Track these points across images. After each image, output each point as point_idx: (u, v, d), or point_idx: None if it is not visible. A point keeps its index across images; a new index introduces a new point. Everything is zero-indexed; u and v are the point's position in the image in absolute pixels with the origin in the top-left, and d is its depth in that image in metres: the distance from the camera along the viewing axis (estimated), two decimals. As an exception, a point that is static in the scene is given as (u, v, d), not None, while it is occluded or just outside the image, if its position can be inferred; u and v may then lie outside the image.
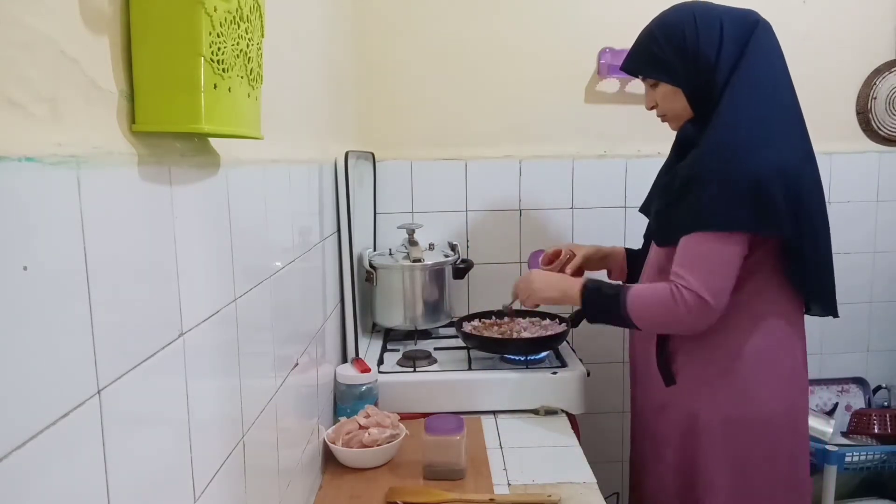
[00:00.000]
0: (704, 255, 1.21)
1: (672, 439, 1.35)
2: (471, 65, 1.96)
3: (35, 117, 0.42)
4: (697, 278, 1.19)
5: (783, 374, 1.29)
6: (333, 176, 1.43)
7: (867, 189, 2.11)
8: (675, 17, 1.29)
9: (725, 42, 1.24)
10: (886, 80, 2.06)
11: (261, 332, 0.87)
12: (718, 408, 1.28)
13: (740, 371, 1.27)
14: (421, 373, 1.54)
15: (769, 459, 1.29)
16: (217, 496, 0.69)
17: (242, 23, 0.61)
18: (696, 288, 1.19)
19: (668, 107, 1.34)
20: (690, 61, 1.26)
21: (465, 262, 1.85)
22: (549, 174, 2.01)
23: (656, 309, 1.25)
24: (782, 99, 1.27)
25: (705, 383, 1.29)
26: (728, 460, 1.29)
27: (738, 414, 1.27)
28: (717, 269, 1.20)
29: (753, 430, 1.27)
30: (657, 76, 1.32)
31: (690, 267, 1.21)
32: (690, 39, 1.26)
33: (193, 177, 0.65)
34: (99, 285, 0.47)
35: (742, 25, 1.26)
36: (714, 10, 1.28)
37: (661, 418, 1.37)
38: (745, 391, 1.27)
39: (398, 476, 1.23)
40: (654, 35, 1.31)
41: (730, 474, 1.29)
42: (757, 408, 1.27)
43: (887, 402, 2.16)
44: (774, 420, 1.28)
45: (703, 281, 1.19)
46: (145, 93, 0.53)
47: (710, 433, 1.29)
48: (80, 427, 0.44)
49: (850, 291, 2.13)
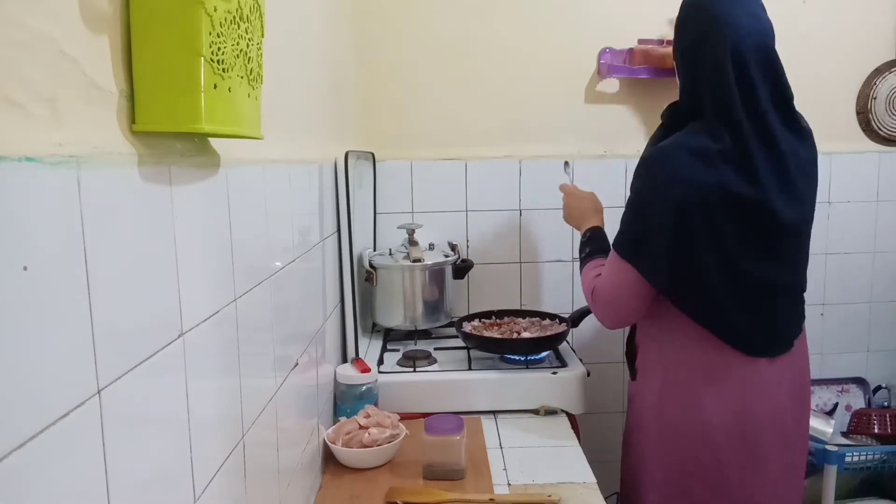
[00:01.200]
0: (615, 267, 1.28)
1: (631, 432, 1.42)
2: (471, 65, 1.96)
3: (35, 117, 0.42)
4: (605, 286, 1.30)
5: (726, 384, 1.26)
6: (333, 176, 1.43)
7: (867, 189, 2.10)
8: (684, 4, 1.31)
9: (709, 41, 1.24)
10: (886, 80, 2.06)
11: (261, 332, 0.87)
12: (661, 409, 1.31)
13: (677, 377, 1.30)
14: (421, 373, 1.54)
15: (702, 469, 1.27)
16: (217, 496, 0.69)
17: (242, 23, 0.61)
18: (604, 290, 1.30)
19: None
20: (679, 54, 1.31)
21: (465, 262, 1.85)
22: (549, 174, 2.00)
23: (585, 293, 1.38)
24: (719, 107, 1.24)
25: (652, 383, 1.34)
26: (666, 462, 1.31)
27: (680, 418, 1.29)
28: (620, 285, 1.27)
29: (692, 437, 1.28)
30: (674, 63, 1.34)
31: (607, 268, 1.31)
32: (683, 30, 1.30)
33: (193, 177, 0.65)
34: (99, 285, 0.46)
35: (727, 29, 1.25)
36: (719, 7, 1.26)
37: (629, 410, 1.45)
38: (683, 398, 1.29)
39: (398, 476, 1.23)
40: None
41: (666, 476, 1.32)
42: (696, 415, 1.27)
43: (887, 402, 2.16)
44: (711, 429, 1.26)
45: (609, 288, 1.29)
46: (145, 93, 0.53)
47: (655, 431, 1.33)
48: (80, 427, 0.44)
49: (850, 291, 2.13)
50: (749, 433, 1.26)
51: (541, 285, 2.02)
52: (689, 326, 1.25)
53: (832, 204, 2.09)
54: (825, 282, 2.11)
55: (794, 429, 1.31)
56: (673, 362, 1.30)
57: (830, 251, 2.11)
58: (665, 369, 1.31)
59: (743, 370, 1.25)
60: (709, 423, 1.26)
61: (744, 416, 1.25)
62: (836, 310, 2.14)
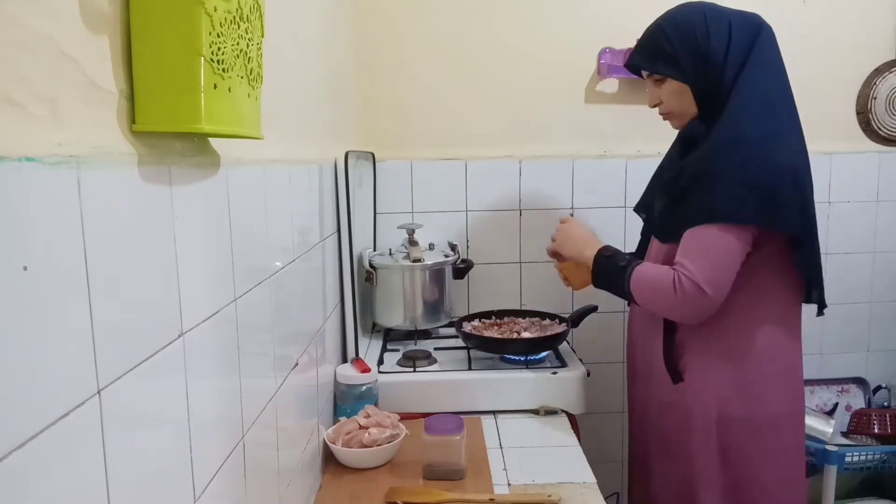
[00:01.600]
0: (709, 248, 1.22)
1: (680, 436, 1.35)
2: (471, 65, 1.96)
3: (35, 117, 0.42)
4: (700, 269, 1.20)
5: (787, 375, 1.31)
6: (333, 176, 1.43)
7: (867, 189, 2.10)
8: (685, 16, 1.30)
9: (733, 43, 1.26)
10: (886, 80, 2.06)
11: (261, 332, 0.87)
12: (725, 406, 1.29)
13: (747, 371, 1.28)
14: (421, 373, 1.54)
15: (771, 460, 1.29)
16: (217, 496, 0.69)
17: (242, 23, 0.61)
18: (697, 279, 1.20)
19: (673, 104, 1.34)
20: (701, 60, 1.27)
21: (465, 262, 1.85)
22: (549, 174, 2.01)
23: (656, 292, 1.26)
24: (787, 99, 1.29)
25: (713, 381, 1.30)
26: (730, 458, 1.30)
27: (745, 413, 1.28)
28: (720, 262, 1.21)
29: (759, 430, 1.29)
30: (667, 72, 1.31)
31: (693, 257, 1.22)
32: (701, 38, 1.27)
33: (193, 177, 0.65)
34: (99, 286, 0.46)
35: (749, 28, 1.28)
36: (723, 11, 1.30)
37: (668, 416, 1.37)
38: (752, 391, 1.29)
39: (398, 476, 1.23)
40: (664, 32, 1.31)
41: (730, 472, 1.30)
42: (763, 408, 1.29)
43: (887, 402, 2.16)
44: (779, 421, 1.30)
45: (705, 272, 1.20)
46: (145, 93, 0.53)
47: (717, 430, 1.30)
48: (80, 427, 0.44)
49: (850, 291, 2.13)
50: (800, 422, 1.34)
51: (541, 285, 2.02)
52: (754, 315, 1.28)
53: (832, 204, 2.09)
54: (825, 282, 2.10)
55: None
56: (740, 355, 1.29)
57: (830, 251, 2.10)
58: (729, 364, 1.29)
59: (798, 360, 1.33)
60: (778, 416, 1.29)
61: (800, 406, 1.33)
62: (836, 310, 2.12)
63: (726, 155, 1.22)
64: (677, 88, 1.32)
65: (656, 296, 1.27)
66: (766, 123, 1.24)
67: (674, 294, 1.22)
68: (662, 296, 1.25)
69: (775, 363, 1.30)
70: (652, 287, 1.27)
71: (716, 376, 1.30)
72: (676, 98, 1.33)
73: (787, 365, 1.31)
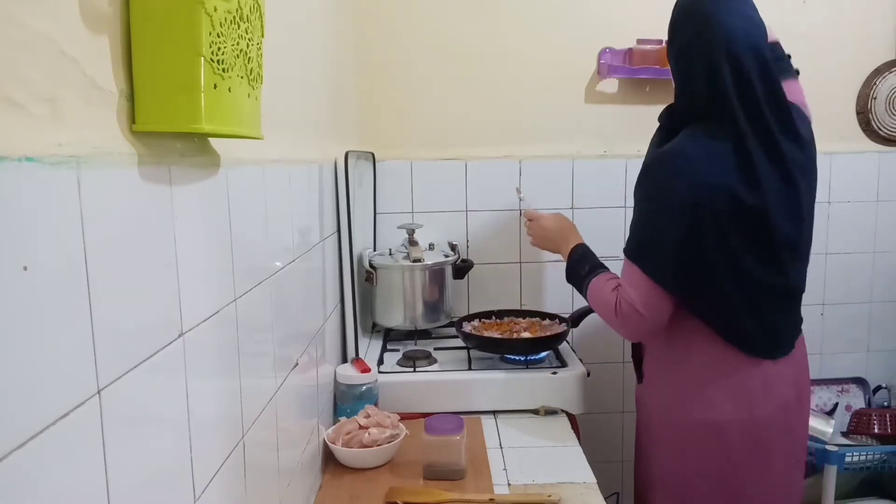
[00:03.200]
0: (638, 275, 1.24)
1: (641, 434, 1.42)
2: (471, 65, 1.96)
3: (35, 117, 0.42)
4: (635, 293, 1.24)
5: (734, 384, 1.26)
6: (333, 176, 1.43)
7: (867, 189, 2.10)
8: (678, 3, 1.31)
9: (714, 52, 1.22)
10: (886, 80, 2.06)
11: (261, 332, 0.87)
12: (673, 409, 1.32)
13: (690, 378, 1.30)
14: (421, 373, 1.54)
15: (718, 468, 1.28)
16: (217, 496, 0.69)
17: (242, 23, 0.61)
18: (633, 301, 1.24)
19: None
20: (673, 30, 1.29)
21: (465, 262, 1.85)
22: (549, 174, 2.01)
23: (603, 311, 1.33)
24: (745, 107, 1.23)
25: (660, 385, 1.35)
26: (675, 461, 1.32)
27: (689, 417, 1.29)
28: (649, 287, 1.23)
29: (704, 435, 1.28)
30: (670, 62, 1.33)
31: (629, 281, 1.26)
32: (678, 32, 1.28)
33: (193, 177, 0.65)
34: (99, 285, 0.46)
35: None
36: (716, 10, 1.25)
37: (640, 406, 1.44)
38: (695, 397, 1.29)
39: (398, 476, 1.23)
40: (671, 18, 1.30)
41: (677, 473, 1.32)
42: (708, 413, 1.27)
43: (887, 402, 2.16)
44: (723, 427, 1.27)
45: (638, 295, 1.24)
46: (145, 93, 0.53)
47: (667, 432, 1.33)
48: (80, 427, 0.44)
49: (850, 291, 2.13)
50: (757, 433, 1.27)
51: (541, 285, 2.02)
52: (696, 326, 1.26)
53: (832, 204, 2.09)
54: (825, 282, 2.11)
55: (797, 428, 1.33)
56: (680, 362, 1.30)
57: (830, 251, 2.11)
58: (672, 370, 1.32)
59: (749, 371, 1.26)
60: (718, 423, 1.27)
61: (752, 416, 1.26)
62: (836, 310, 2.14)
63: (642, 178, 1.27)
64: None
65: (603, 313, 1.33)
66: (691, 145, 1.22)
67: (615, 316, 1.28)
68: (607, 314, 1.31)
69: (717, 372, 1.27)
70: (599, 305, 1.34)
71: (663, 380, 1.34)
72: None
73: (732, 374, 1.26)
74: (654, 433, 1.37)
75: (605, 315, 1.32)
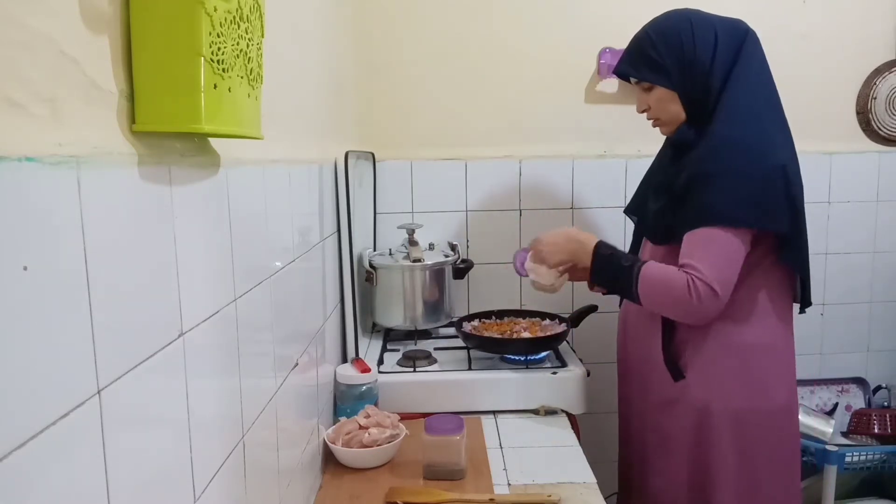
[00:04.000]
0: (713, 249, 1.24)
1: (684, 433, 1.35)
2: (471, 65, 1.96)
3: (35, 117, 0.42)
4: (710, 270, 1.22)
5: (785, 369, 1.35)
6: (333, 176, 1.43)
7: (867, 189, 2.10)
8: (671, 24, 1.33)
9: (720, 49, 1.29)
10: (886, 80, 2.06)
11: (261, 332, 0.87)
12: (730, 400, 1.31)
13: (751, 364, 1.31)
14: (421, 373, 1.54)
15: (775, 449, 1.33)
16: (217, 496, 0.69)
17: (242, 23, 0.61)
18: (709, 280, 1.21)
19: (661, 110, 1.36)
20: (687, 66, 1.30)
21: (465, 262, 1.85)
22: (549, 174, 2.01)
23: (668, 295, 1.26)
24: (773, 101, 1.32)
25: (716, 377, 1.32)
26: (737, 450, 1.32)
27: (749, 405, 1.31)
28: (726, 262, 1.23)
29: (763, 421, 1.32)
30: (654, 80, 1.34)
31: (702, 259, 1.23)
32: (688, 45, 1.29)
33: (193, 177, 0.65)
34: (99, 285, 0.46)
35: (734, 34, 1.31)
36: (708, 18, 1.33)
37: (670, 413, 1.37)
38: (756, 384, 1.31)
39: (398, 476, 1.23)
40: (651, 39, 1.33)
41: (738, 464, 1.32)
42: (766, 401, 1.32)
43: (887, 402, 2.16)
44: (780, 411, 1.33)
45: (714, 273, 1.22)
46: (145, 93, 0.53)
47: (723, 425, 1.31)
48: (80, 427, 0.44)
49: (850, 291, 2.13)
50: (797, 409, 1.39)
51: (541, 285, 2.02)
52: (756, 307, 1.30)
53: (832, 204, 2.09)
54: (825, 282, 2.11)
55: None
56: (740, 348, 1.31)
57: (830, 251, 2.11)
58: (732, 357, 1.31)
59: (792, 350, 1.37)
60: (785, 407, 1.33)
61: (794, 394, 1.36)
62: (836, 310, 2.14)
63: (721, 158, 1.25)
64: (665, 95, 1.34)
65: (668, 299, 1.26)
66: (756, 126, 1.27)
67: (689, 298, 1.22)
68: (675, 299, 1.24)
69: (774, 356, 1.33)
70: (665, 291, 1.26)
71: (718, 371, 1.32)
72: (665, 104, 1.35)
73: (785, 358, 1.35)
74: (717, 427, 1.31)
75: (673, 300, 1.25)
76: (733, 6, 1.97)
